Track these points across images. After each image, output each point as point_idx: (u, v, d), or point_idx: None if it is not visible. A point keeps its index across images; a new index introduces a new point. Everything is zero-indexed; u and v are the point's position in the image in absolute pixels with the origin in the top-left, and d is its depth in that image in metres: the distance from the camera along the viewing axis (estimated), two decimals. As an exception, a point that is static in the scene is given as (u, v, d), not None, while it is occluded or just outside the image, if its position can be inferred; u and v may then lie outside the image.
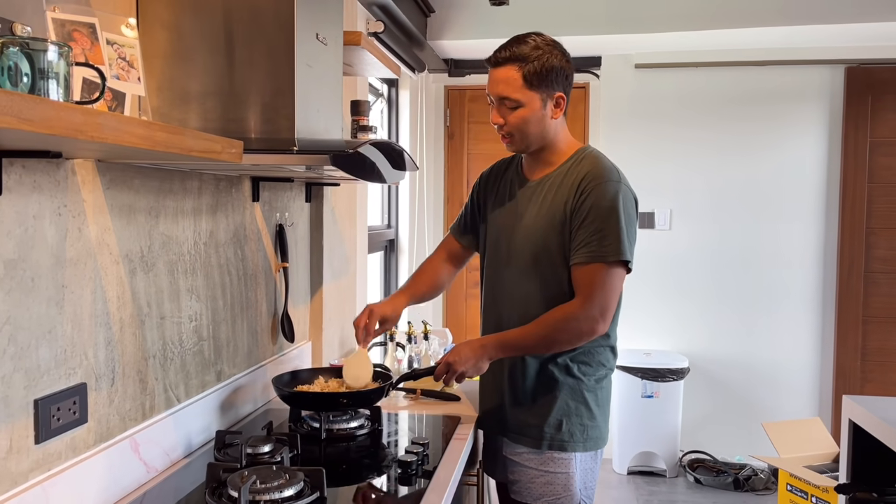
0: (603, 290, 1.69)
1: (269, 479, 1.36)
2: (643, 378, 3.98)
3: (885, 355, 4.07)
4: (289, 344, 2.24)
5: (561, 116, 1.79)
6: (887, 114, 4.01)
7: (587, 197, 1.70)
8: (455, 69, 4.37)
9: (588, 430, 1.81)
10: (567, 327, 1.71)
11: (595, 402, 1.82)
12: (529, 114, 1.73)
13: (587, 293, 1.70)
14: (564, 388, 1.80)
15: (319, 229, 2.43)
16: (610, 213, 1.68)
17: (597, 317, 1.70)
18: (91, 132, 0.84)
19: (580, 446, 1.80)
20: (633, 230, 1.73)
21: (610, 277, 1.69)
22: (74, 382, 1.29)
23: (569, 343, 1.74)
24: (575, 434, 1.79)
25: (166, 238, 1.56)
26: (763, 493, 3.87)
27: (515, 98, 1.72)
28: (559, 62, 1.72)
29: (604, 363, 1.83)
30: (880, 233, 4.05)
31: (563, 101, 1.76)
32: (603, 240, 1.68)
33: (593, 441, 1.82)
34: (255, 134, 1.45)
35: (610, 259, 1.67)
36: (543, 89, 1.72)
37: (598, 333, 1.72)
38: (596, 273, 1.69)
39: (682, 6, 3.66)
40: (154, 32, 1.44)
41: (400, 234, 4.20)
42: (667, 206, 4.25)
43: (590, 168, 1.75)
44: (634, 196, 1.78)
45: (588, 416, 1.81)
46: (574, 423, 1.79)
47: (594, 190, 1.70)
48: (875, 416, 1.88)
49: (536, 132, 1.76)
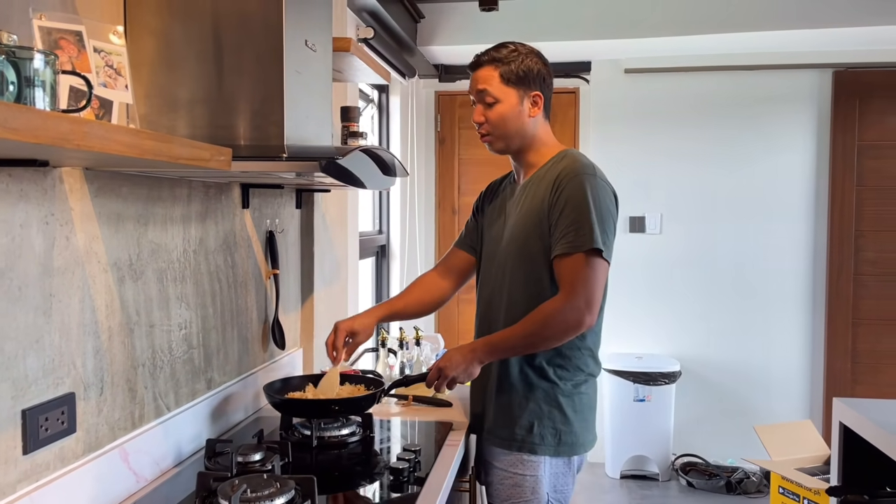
0: (585, 281, 1.68)
1: (260, 487, 1.35)
2: (635, 382, 3.99)
3: (875, 357, 4.10)
4: (280, 351, 2.23)
5: (542, 118, 1.83)
6: (875, 117, 4.04)
7: (563, 191, 1.72)
8: (445, 75, 4.38)
9: (561, 435, 1.79)
10: (553, 322, 1.69)
11: (571, 407, 1.80)
12: (507, 110, 1.78)
13: (570, 285, 1.69)
14: (538, 391, 1.79)
15: (310, 236, 2.42)
16: (584, 205, 1.69)
17: (582, 308, 1.68)
18: (77, 141, 0.84)
19: (550, 450, 1.78)
20: (609, 222, 1.73)
21: (590, 268, 1.69)
22: (62, 392, 1.28)
23: (557, 338, 1.73)
24: (546, 438, 1.78)
25: (155, 246, 1.55)
26: (755, 495, 3.88)
27: (493, 93, 1.78)
28: (535, 65, 1.80)
29: (582, 368, 1.82)
30: (869, 235, 4.07)
31: (541, 99, 1.81)
32: (579, 230, 1.68)
33: (567, 447, 1.80)
34: (245, 141, 1.44)
35: (585, 249, 1.67)
36: (520, 87, 1.79)
37: (586, 325, 1.70)
38: (576, 264, 1.69)
39: (670, 12, 3.68)
40: (142, 40, 1.43)
41: (391, 239, 4.20)
42: (657, 211, 4.26)
43: (566, 165, 1.77)
44: (613, 191, 1.79)
45: (562, 421, 1.79)
46: (546, 426, 1.78)
47: (569, 184, 1.72)
48: (865, 419, 1.89)
49: (514, 129, 1.80)
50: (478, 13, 3.52)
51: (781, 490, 3.28)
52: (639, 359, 4.12)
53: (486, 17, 3.68)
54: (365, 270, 3.83)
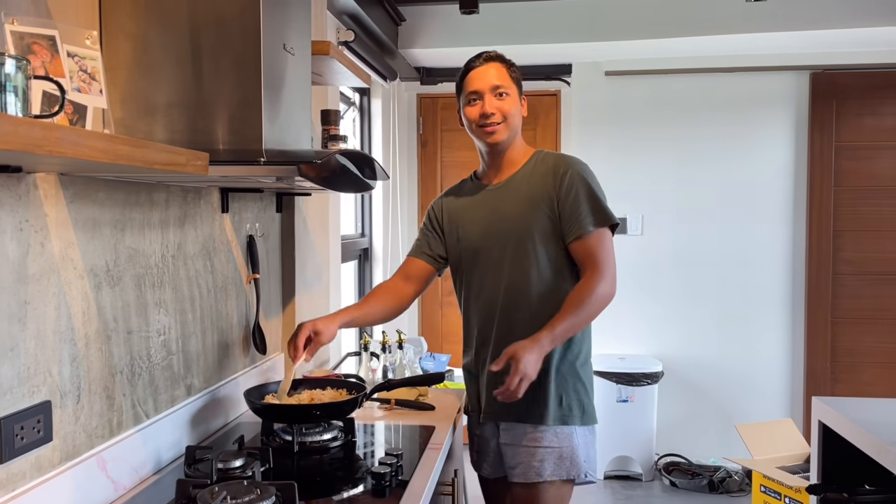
0: (609, 256, 1.87)
1: (240, 494, 1.34)
2: (618, 383, 4.00)
3: (854, 356, 4.14)
4: (261, 356, 2.22)
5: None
6: (851, 119, 4.08)
7: (569, 177, 1.88)
8: (427, 77, 4.38)
9: (584, 406, 1.92)
10: (600, 298, 1.83)
11: (588, 378, 1.96)
12: (513, 104, 1.93)
13: (602, 261, 1.85)
14: (562, 365, 1.90)
15: (291, 239, 2.41)
16: (592, 188, 1.88)
17: (614, 281, 1.86)
18: (49, 147, 0.83)
19: (578, 420, 1.90)
20: (604, 198, 1.92)
21: (610, 243, 1.89)
22: (38, 400, 1.26)
23: (598, 313, 1.87)
24: (573, 408, 1.90)
25: (133, 251, 1.54)
26: (737, 494, 3.90)
27: (507, 87, 1.91)
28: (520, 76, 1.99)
29: (589, 341, 1.99)
30: (847, 235, 4.12)
31: (525, 103, 1.99)
32: (596, 210, 1.86)
33: (589, 416, 1.94)
34: (223, 145, 1.43)
35: (608, 223, 1.87)
36: (519, 88, 1.96)
37: (614, 296, 1.88)
38: (598, 241, 1.85)
39: (650, 14, 3.71)
40: (117, 44, 1.42)
41: (374, 242, 4.19)
42: (639, 212, 4.29)
43: (558, 158, 1.95)
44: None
45: (584, 392, 1.93)
46: (572, 398, 1.90)
47: (573, 171, 1.89)
48: (844, 418, 1.90)
49: (516, 123, 1.95)
50: (458, 16, 3.53)
51: (763, 488, 3.31)
52: (622, 360, 4.14)
53: (466, 20, 3.68)
54: (347, 274, 3.81)
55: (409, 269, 2.10)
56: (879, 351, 4.13)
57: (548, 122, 4.42)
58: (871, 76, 4.06)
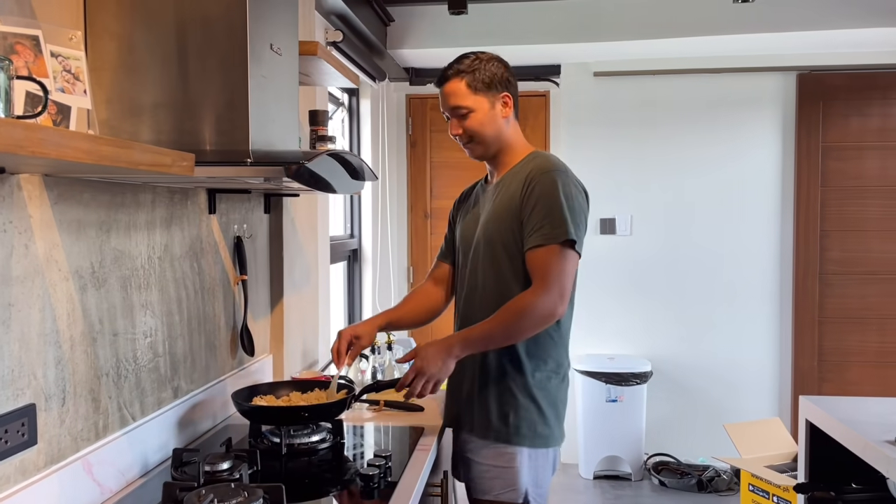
0: (559, 273, 1.73)
1: (228, 497, 1.33)
2: (607, 382, 4.01)
3: (841, 355, 4.17)
4: (249, 358, 2.21)
5: (513, 119, 1.89)
6: (838, 119, 4.11)
7: (534, 187, 1.77)
8: (416, 78, 4.37)
9: (536, 427, 1.81)
10: (528, 312, 1.72)
11: (545, 399, 1.83)
12: (482, 116, 1.84)
13: (544, 276, 1.73)
14: (514, 382, 1.81)
15: (279, 241, 2.40)
16: (556, 199, 1.74)
17: (556, 298, 1.72)
18: (32, 147, 0.82)
19: (527, 441, 1.80)
20: (580, 217, 1.78)
21: (564, 259, 1.73)
22: (23, 403, 1.25)
23: (531, 329, 1.75)
24: (521, 428, 1.80)
25: (118, 253, 1.53)
26: (726, 493, 3.92)
27: (466, 105, 1.83)
28: (498, 69, 1.85)
29: (555, 359, 1.85)
30: (833, 235, 4.14)
31: (510, 100, 1.86)
32: (553, 223, 1.73)
33: (542, 439, 1.82)
34: (210, 146, 1.42)
35: (560, 240, 1.72)
36: (488, 92, 1.83)
37: (558, 316, 1.74)
38: (550, 255, 1.73)
39: (638, 15, 3.72)
40: (102, 44, 1.41)
41: (363, 243, 4.18)
42: (627, 212, 4.30)
43: (538, 163, 1.83)
44: (583, 188, 1.84)
45: (537, 413, 1.81)
46: (521, 417, 1.80)
47: (541, 179, 1.77)
48: (831, 416, 1.92)
49: (492, 133, 1.86)
50: (447, 16, 3.52)
51: (751, 487, 3.33)
52: (611, 359, 4.15)
53: (455, 21, 3.68)
54: (336, 275, 3.80)
55: (436, 272, 2.10)
56: (866, 350, 4.15)
57: (537, 123, 4.42)
58: (857, 77, 4.09)
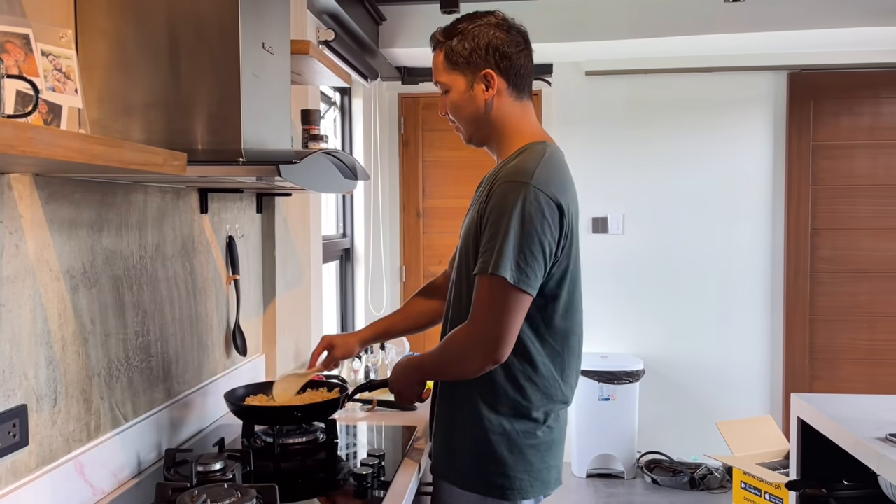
0: (489, 311, 1.43)
1: (220, 497, 1.33)
2: (600, 381, 4.02)
3: (832, 353, 4.19)
4: (241, 358, 2.20)
5: (508, 100, 1.55)
6: (828, 118, 4.13)
7: (491, 198, 1.46)
8: (408, 77, 4.37)
9: (512, 483, 1.52)
10: (457, 351, 1.50)
11: (529, 453, 1.53)
12: (456, 97, 1.56)
13: (475, 311, 1.46)
14: (476, 424, 1.54)
15: (271, 240, 2.39)
16: (502, 218, 1.42)
17: (485, 342, 1.44)
18: (22, 147, 0.81)
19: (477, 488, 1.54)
20: (534, 244, 1.42)
21: (496, 296, 1.42)
22: (14, 404, 1.24)
23: (462, 370, 1.50)
24: (494, 481, 1.53)
25: (110, 252, 1.52)
26: (718, 491, 3.93)
27: (442, 81, 1.58)
28: (486, 37, 1.52)
29: (535, 410, 1.53)
30: (824, 233, 4.17)
31: (494, 78, 1.52)
32: (492, 249, 1.42)
33: (497, 489, 1.52)
34: (202, 145, 1.42)
35: (489, 272, 1.41)
36: (466, 68, 1.53)
37: (491, 361, 1.45)
38: (483, 289, 1.44)
39: (630, 15, 3.72)
40: (93, 43, 1.40)
41: (356, 242, 4.17)
42: (619, 211, 4.31)
43: (515, 164, 1.48)
44: (557, 203, 1.44)
45: (513, 468, 1.52)
46: (491, 470, 1.53)
47: (498, 190, 1.45)
48: (822, 414, 1.93)
49: (469, 116, 1.57)
50: (439, 15, 3.51)
51: (743, 485, 3.34)
52: (603, 358, 4.16)
53: (447, 20, 3.67)
54: (329, 274, 3.80)
55: (443, 273, 1.94)
56: (857, 348, 4.18)
57: (529, 122, 4.42)
58: (847, 76, 4.11)
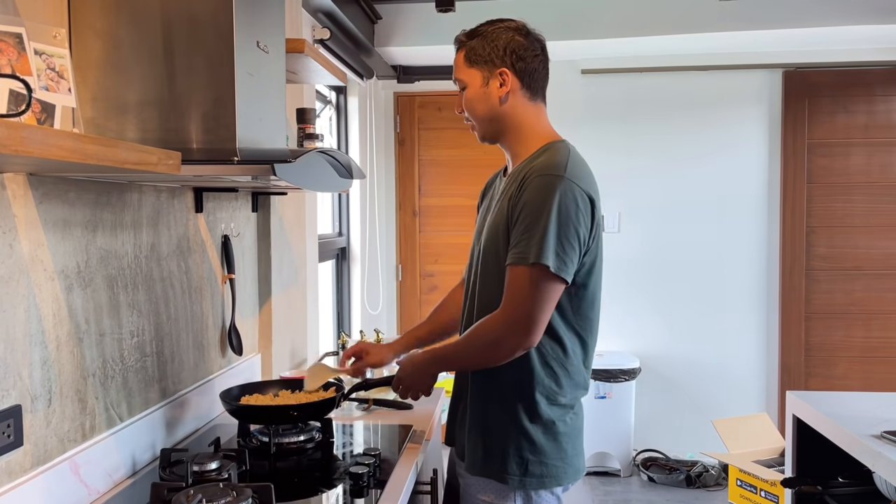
0: (525, 298, 1.49)
1: (216, 497, 1.33)
2: (596, 379, 4.02)
3: (827, 350, 4.20)
4: (237, 357, 2.20)
5: (522, 99, 1.63)
6: (823, 116, 4.14)
7: (525, 192, 1.52)
8: (404, 75, 4.36)
9: (528, 466, 1.56)
10: (489, 338, 1.53)
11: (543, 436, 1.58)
12: (472, 93, 1.63)
13: (509, 299, 1.51)
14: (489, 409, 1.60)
15: (267, 239, 2.39)
16: (542, 211, 1.48)
17: (519, 327, 1.49)
18: (15, 146, 0.81)
19: (516, 481, 1.57)
20: (572, 235, 1.50)
21: (533, 284, 1.48)
22: (8, 405, 1.24)
23: (493, 357, 1.54)
24: (510, 465, 1.57)
25: (105, 252, 1.52)
26: (714, 488, 3.94)
27: (459, 77, 1.65)
28: (505, 39, 1.61)
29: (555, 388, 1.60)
30: (820, 231, 4.17)
31: (509, 76, 1.60)
32: (530, 240, 1.48)
33: (537, 480, 1.57)
34: (196, 144, 1.41)
35: (529, 262, 1.47)
36: (483, 66, 1.61)
37: (523, 347, 1.51)
38: (519, 277, 1.50)
39: (625, 13, 3.72)
40: (87, 41, 1.39)
41: (352, 241, 4.17)
42: (616, 210, 4.31)
43: (541, 161, 1.56)
44: (589, 195, 1.54)
45: (529, 450, 1.57)
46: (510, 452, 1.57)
47: (533, 184, 1.51)
48: (817, 411, 1.93)
49: (483, 113, 1.63)
50: (435, 14, 3.52)
51: (739, 482, 3.35)
52: (599, 356, 4.16)
53: (443, 18, 3.67)
54: (325, 273, 3.79)
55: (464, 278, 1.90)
56: (852, 345, 4.19)
57: (525, 121, 4.42)
58: (842, 74, 4.12)
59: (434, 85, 4.39)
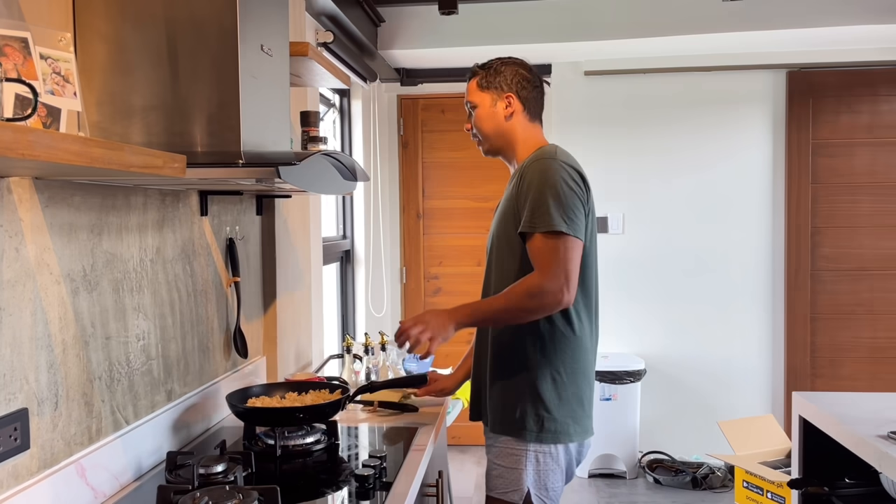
0: (557, 259, 1.73)
1: (222, 499, 1.33)
2: (601, 381, 4.02)
3: (833, 351, 4.19)
4: (242, 360, 2.20)
5: (522, 119, 1.93)
6: (827, 116, 4.13)
7: (526, 177, 1.81)
8: (407, 78, 4.37)
9: (544, 421, 1.81)
10: (532, 292, 1.73)
11: (552, 393, 1.82)
12: (482, 112, 1.93)
13: (544, 262, 1.74)
14: (504, 370, 1.86)
15: (271, 242, 2.39)
16: (542, 186, 1.77)
17: (560, 282, 1.72)
18: (22, 150, 0.82)
19: (533, 436, 1.81)
20: (570, 198, 1.77)
21: (554, 247, 1.74)
22: (15, 408, 1.24)
23: (535, 309, 1.75)
24: (527, 421, 1.81)
25: (110, 256, 1.52)
26: (720, 490, 3.93)
27: (472, 101, 1.95)
28: (511, 70, 1.93)
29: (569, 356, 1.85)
30: (825, 232, 4.16)
31: (514, 100, 1.91)
32: (536, 211, 1.75)
33: (551, 433, 1.82)
34: (201, 147, 1.42)
35: (542, 229, 1.74)
36: (493, 90, 1.92)
37: (565, 300, 1.74)
38: (544, 243, 1.75)
39: (629, 14, 3.73)
40: (92, 46, 1.40)
41: (356, 244, 4.17)
42: (620, 211, 4.31)
43: (535, 154, 1.87)
44: (578, 172, 1.84)
45: (542, 407, 1.82)
46: (527, 410, 1.82)
47: (531, 168, 1.82)
48: (824, 412, 1.92)
49: (491, 129, 1.93)
50: (438, 16, 3.52)
51: (745, 484, 3.34)
52: (604, 358, 4.15)
53: (445, 21, 3.68)
54: (329, 276, 3.80)
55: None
56: (858, 346, 4.18)
57: (528, 122, 4.42)
58: (846, 74, 4.11)
59: (437, 87, 4.40)
